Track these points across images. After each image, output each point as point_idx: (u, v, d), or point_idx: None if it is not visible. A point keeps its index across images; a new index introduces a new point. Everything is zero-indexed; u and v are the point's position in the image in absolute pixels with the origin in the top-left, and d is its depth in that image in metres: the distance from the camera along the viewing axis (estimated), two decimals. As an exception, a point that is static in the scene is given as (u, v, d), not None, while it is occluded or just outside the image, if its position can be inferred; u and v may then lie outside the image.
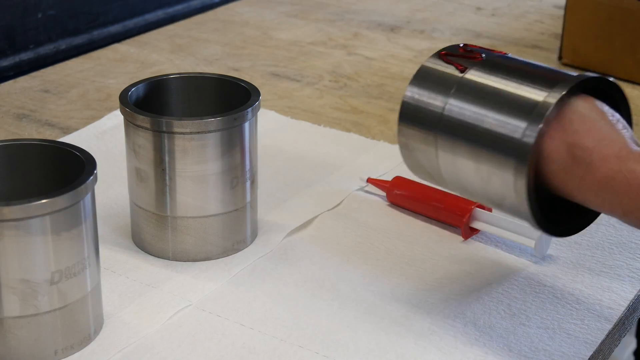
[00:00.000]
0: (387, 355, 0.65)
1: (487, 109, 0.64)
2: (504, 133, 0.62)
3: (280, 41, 1.24)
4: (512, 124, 0.62)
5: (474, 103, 0.64)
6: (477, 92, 0.65)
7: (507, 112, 0.62)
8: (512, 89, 0.63)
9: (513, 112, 0.62)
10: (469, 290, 0.72)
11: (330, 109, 1.04)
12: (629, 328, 0.72)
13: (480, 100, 0.64)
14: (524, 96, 0.62)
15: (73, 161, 0.65)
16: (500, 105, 0.63)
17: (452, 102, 0.66)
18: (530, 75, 0.64)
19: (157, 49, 1.20)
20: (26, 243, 0.59)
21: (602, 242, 0.78)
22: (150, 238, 0.75)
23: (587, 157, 0.59)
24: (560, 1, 1.39)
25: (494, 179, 0.63)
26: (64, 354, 0.63)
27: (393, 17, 1.35)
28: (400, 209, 0.83)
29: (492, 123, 0.63)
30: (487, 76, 0.65)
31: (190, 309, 0.69)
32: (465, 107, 0.65)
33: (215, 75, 0.78)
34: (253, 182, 0.75)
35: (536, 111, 0.61)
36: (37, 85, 1.08)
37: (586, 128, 0.60)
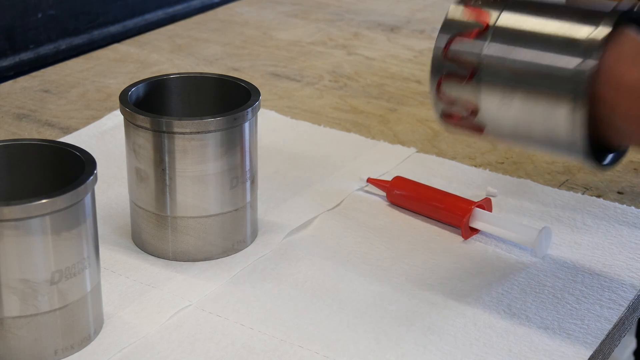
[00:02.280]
0: (387, 355, 0.65)
1: (530, 57, 0.63)
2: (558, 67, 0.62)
3: (280, 41, 1.24)
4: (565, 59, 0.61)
5: (514, 53, 0.64)
6: (514, 40, 0.64)
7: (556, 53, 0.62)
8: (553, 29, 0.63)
9: (562, 51, 0.62)
10: (469, 290, 0.72)
11: (330, 109, 1.04)
12: (629, 328, 0.72)
13: (521, 48, 0.64)
14: (568, 34, 0.62)
15: (73, 161, 0.65)
16: (545, 49, 0.63)
17: (491, 50, 0.65)
18: (566, 12, 0.63)
19: (157, 49, 1.20)
20: (26, 243, 0.59)
21: (602, 242, 0.78)
22: (150, 238, 0.75)
23: None
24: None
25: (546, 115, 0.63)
26: (64, 354, 0.63)
27: (393, 17, 1.35)
28: (400, 209, 0.83)
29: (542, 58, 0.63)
30: (520, 19, 0.65)
31: (190, 309, 0.69)
32: (505, 59, 0.64)
33: (215, 75, 0.78)
34: (253, 182, 0.75)
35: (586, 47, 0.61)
36: (37, 85, 1.08)
37: None
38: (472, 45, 0.66)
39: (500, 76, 0.65)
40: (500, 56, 0.64)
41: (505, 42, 0.65)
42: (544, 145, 0.66)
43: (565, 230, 0.80)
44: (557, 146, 0.65)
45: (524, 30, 0.64)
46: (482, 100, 0.66)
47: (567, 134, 0.63)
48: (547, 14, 0.64)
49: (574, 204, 0.84)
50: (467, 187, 0.86)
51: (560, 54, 0.62)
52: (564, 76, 0.62)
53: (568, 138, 0.63)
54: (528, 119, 0.64)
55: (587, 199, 0.84)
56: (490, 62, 0.65)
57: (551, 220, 0.81)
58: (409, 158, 0.92)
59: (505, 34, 0.65)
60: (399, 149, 0.93)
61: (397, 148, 0.93)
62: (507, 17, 0.65)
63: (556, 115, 0.63)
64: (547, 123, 0.64)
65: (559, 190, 0.86)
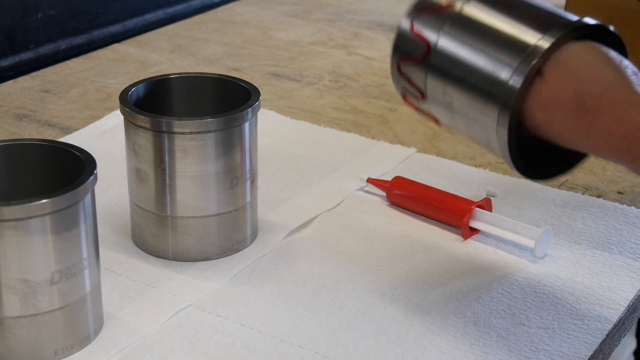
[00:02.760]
0: (387, 355, 0.65)
1: (478, 49, 0.64)
2: (492, 74, 0.62)
3: (280, 41, 1.24)
4: (501, 65, 0.62)
5: (466, 40, 0.64)
6: (470, 29, 0.64)
7: (498, 52, 0.62)
8: (507, 27, 0.63)
9: (504, 52, 0.62)
10: (469, 290, 0.72)
11: (330, 109, 1.04)
12: (629, 328, 0.72)
13: (473, 37, 0.64)
14: (518, 37, 0.62)
15: (73, 161, 0.65)
16: (492, 45, 0.63)
17: (445, 36, 0.65)
18: (528, 16, 0.63)
19: (157, 49, 1.20)
20: (26, 243, 0.59)
21: (602, 242, 0.78)
22: (150, 238, 0.75)
23: (595, 103, 0.59)
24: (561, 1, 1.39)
25: (479, 119, 0.63)
26: (64, 354, 0.63)
27: (393, 17, 1.35)
28: (400, 209, 0.83)
29: (481, 63, 0.63)
30: (483, 11, 0.65)
31: (190, 309, 0.69)
32: (457, 44, 0.65)
33: (215, 75, 0.78)
34: (253, 182, 0.75)
35: (527, 54, 0.61)
36: (37, 85, 1.08)
37: (593, 74, 0.60)
38: (432, 25, 0.66)
39: (445, 67, 0.65)
40: (450, 48, 0.65)
41: (456, 36, 0.65)
42: (480, 143, 0.66)
43: (565, 230, 0.80)
44: (493, 150, 0.65)
45: (476, 25, 0.64)
46: (427, 89, 0.66)
47: (498, 143, 0.63)
48: (510, 14, 0.64)
49: (574, 204, 0.84)
50: (467, 187, 0.86)
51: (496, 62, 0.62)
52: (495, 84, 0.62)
53: (500, 147, 0.63)
54: (465, 118, 0.65)
55: (587, 199, 0.84)
56: (441, 50, 0.65)
57: (551, 220, 0.81)
58: (409, 158, 0.91)
59: (460, 26, 0.65)
60: (399, 149, 0.93)
61: (397, 148, 0.93)
62: (471, 6, 0.66)
63: (486, 120, 0.63)
64: (480, 128, 0.64)
65: (558, 190, 0.86)
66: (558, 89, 0.60)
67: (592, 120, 0.59)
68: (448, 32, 0.65)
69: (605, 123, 0.58)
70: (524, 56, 0.61)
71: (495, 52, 0.62)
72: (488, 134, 0.64)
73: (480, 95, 0.63)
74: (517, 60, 0.61)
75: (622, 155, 0.58)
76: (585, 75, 0.60)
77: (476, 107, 0.64)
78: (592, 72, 0.60)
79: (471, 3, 0.66)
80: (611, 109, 0.58)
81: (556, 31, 0.61)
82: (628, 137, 0.57)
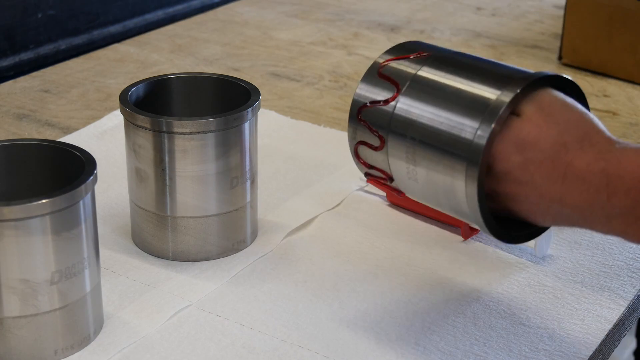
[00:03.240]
0: (387, 355, 0.65)
1: (437, 108, 0.63)
2: (454, 134, 0.61)
3: (280, 41, 1.24)
4: (463, 124, 0.61)
5: (425, 101, 0.63)
6: (428, 90, 0.64)
7: (458, 112, 0.61)
8: (464, 86, 0.62)
9: (464, 111, 0.61)
10: (469, 290, 0.72)
11: (330, 109, 1.04)
12: (629, 328, 0.72)
13: (431, 99, 0.63)
14: (476, 94, 0.61)
15: (73, 161, 0.65)
16: (452, 104, 0.62)
17: (403, 100, 0.64)
18: (483, 73, 0.62)
19: (157, 49, 1.20)
20: (26, 243, 0.59)
21: (602, 242, 0.78)
22: (150, 238, 0.75)
23: (577, 144, 0.59)
24: (560, 1, 1.39)
25: (446, 181, 0.62)
26: (64, 354, 0.63)
27: (393, 17, 1.35)
28: (400, 209, 0.83)
29: (442, 123, 0.62)
30: (438, 73, 0.64)
31: (190, 309, 0.69)
32: (416, 106, 0.64)
33: (215, 75, 0.78)
34: (253, 182, 0.75)
35: (489, 110, 0.60)
36: (37, 85, 1.08)
37: (574, 118, 0.60)
38: (383, 112, 0.65)
39: (405, 147, 0.64)
40: (405, 125, 0.64)
41: (410, 111, 0.64)
42: (456, 216, 0.65)
43: (565, 230, 0.80)
44: (467, 219, 0.64)
45: (428, 99, 0.63)
46: (391, 169, 0.66)
47: (467, 207, 0.62)
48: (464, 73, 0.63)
49: (574, 204, 0.84)
50: (467, 187, 0.86)
51: (459, 126, 0.61)
52: (459, 148, 0.61)
53: (470, 212, 0.62)
54: (433, 192, 0.64)
55: (587, 199, 0.84)
56: (396, 131, 0.64)
57: (551, 220, 0.81)
58: (409, 158, 0.91)
59: (411, 101, 0.64)
60: None
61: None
62: (417, 82, 0.64)
63: (454, 189, 0.62)
64: (448, 196, 0.63)
65: (559, 190, 0.86)
66: (540, 131, 0.59)
67: (572, 160, 0.58)
68: (398, 115, 0.64)
69: (584, 161, 0.58)
70: (485, 113, 0.60)
71: (454, 115, 0.61)
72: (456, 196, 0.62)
73: (444, 161, 0.62)
74: (479, 119, 0.60)
75: (598, 194, 0.58)
76: (567, 118, 0.60)
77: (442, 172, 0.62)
78: (572, 116, 0.60)
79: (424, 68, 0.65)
80: (592, 148, 0.58)
81: (515, 85, 0.60)
82: (608, 171, 0.57)
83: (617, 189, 0.57)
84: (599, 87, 1.10)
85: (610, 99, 1.07)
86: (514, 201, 0.61)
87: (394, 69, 0.66)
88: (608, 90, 1.10)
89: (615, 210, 0.57)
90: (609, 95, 1.09)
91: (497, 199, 0.62)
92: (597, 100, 1.07)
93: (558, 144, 0.59)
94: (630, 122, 1.02)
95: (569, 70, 1.15)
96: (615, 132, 0.99)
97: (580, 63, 1.15)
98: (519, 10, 1.40)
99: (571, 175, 0.58)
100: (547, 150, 0.59)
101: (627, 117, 1.03)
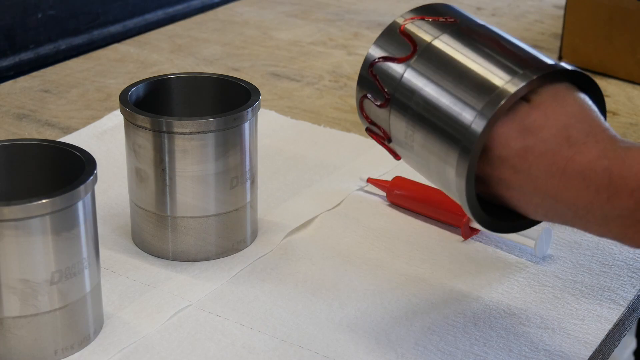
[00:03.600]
0: (387, 355, 0.65)
1: (445, 82, 0.61)
2: (454, 115, 0.60)
3: (280, 41, 1.24)
4: (465, 105, 0.60)
5: (435, 72, 0.62)
6: (441, 61, 0.62)
7: (464, 92, 0.60)
8: (476, 66, 0.61)
9: (469, 93, 0.60)
10: (469, 290, 0.72)
11: (330, 109, 1.04)
12: (629, 328, 0.72)
13: (441, 71, 0.62)
14: (485, 78, 0.60)
15: (73, 161, 0.65)
16: (459, 82, 0.61)
17: (415, 64, 0.63)
18: (501, 54, 0.61)
19: (157, 49, 1.20)
20: (26, 243, 0.59)
21: (602, 242, 0.78)
22: (150, 238, 0.75)
23: (581, 138, 0.57)
24: (560, 1, 1.39)
25: (439, 158, 0.61)
26: (64, 354, 0.63)
27: (393, 17, 1.35)
28: (400, 209, 0.83)
29: (445, 100, 0.61)
30: (456, 45, 0.63)
31: (190, 309, 0.69)
32: (425, 74, 0.63)
33: (215, 75, 0.78)
34: (253, 182, 0.75)
35: (492, 97, 0.59)
36: (37, 85, 1.08)
37: (581, 112, 0.58)
38: (393, 71, 0.64)
39: (407, 111, 0.63)
40: (412, 89, 0.63)
41: (420, 76, 0.63)
42: (445, 191, 0.64)
43: (566, 230, 0.80)
44: (454, 198, 0.63)
45: (440, 69, 0.62)
46: (391, 129, 0.65)
47: (455, 189, 0.61)
48: (481, 52, 0.62)
49: (574, 204, 0.84)
50: (467, 187, 0.86)
51: (462, 105, 0.60)
52: (457, 128, 0.60)
53: (457, 194, 0.61)
54: (426, 164, 0.63)
55: (587, 199, 0.84)
56: (402, 93, 0.63)
57: (551, 220, 0.81)
58: (409, 158, 0.91)
59: (424, 67, 0.63)
60: None
61: (397, 148, 0.93)
62: (434, 48, 0.63)
63: (446, 166, 0.61)
64: (439, 172, 0.62)
65: (559, 190, 0.86)
66: (546, 120, 0.58)
67: (573, 156, 0.57)
68: (409, 77, 0.63)
69: (587, 158, 0.56)
70: (489, 98, 0.59)
71: (460, 92, 0.60)
72: (447, 173, 0.62)
73: (441, 136, 0.61)
74: (482, 103, 0.59)
75: (598, 193, 0.56)
76: (575, 112, 0.58)
77: (437, 146, 0.62)
78: (581, 110, 0.59)
79: (442, 37, 0.64)
80: (596, 145, 0.57)
81: (527, 75, 0.59)
82: (611, 170, 0.55)
83: (620, 190, 0.55)
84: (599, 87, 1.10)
85: (610, 99, 1.07)
86: (507, 188, 0.60)
87: (416, 29, 0.65)
88: (608, 90, 1.10)
89: (614, 212, 0.56)
90: (609, 95, 1.09)
91: (491, 182, 0.61)
92: (597, 100, 1.07)
93: (562, 136, 0.57)
94: (630, 122, 1.02)
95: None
96: (615, 132, 0.99)
97: (580, 63, 1.15)
98: (519, 10, 1.40)
99: (571, 171, 0.57)
100: (550, 140, 0.57)
101: (627, 117, 1.03)
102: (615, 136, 0.58)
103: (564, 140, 0.57)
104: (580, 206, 0.57)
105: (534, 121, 0.58)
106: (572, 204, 0.57)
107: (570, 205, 0.58)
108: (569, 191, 0.57)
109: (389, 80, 0.64)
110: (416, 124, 0.63)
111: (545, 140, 0.58)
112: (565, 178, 0.57)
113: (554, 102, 0.59)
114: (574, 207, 0.58)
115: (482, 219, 0.62)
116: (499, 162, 0.59)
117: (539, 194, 0.59)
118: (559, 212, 0.59)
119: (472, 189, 0.60)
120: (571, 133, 0.57)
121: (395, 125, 0.65)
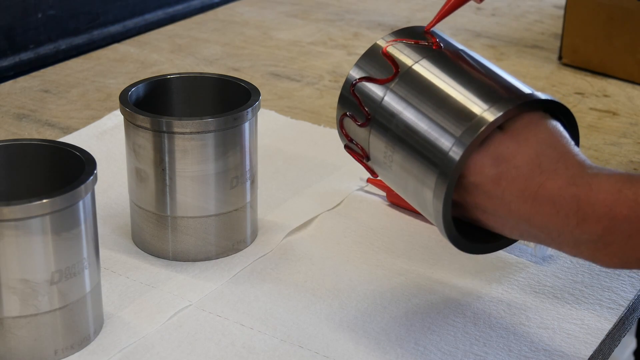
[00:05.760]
0: (387, 355, 0.65)
1: (424, 108, 0.63)
2: (432, 141, 0.61)
3: (280, 41, 1.24)
4: (444, 132, 0.61)
5: (415, 97, 0.63)
6: (418, 87, 0.64)
7: (442, 118, 0.61)
8: (455, 93, 0.62)
9: (448, 120, 0.61)
10: (469, 290, 0.72)
11: (330, 109, 1.04)
12: (629, 328, 0.72)
13: (421, 96, 0.63)
14: (464, 105, 0.61)
15: (73, 161, 0.65)
16: (438, 108, 0.62)
17: (396, 87, 0.64)
18: (479, 81, 0.62)
19: (157, 49, 1.20)
20: (26, 243, 0.59)
21: (602, 242, 0.78)
22: (150, 238, 0.75)
23: (552, 165, 0.58)
24: (560, 1, 1.39)
25: (417, 181, 0.63)
26: (64, 354, 0.63)
27: (393, 17, 1.35)
28: (400, 209, 0.83)
29: (424, 125, 0.62)
30: (435, 70, 0.64)
31: (190, 309, 0.69)
32: (405, 98, 0.64)
33: (215, 75, 0.78)
34: (253, 182, 0.75)
35: (470, 126, 0.60)
36: (37, 85, 1.08)
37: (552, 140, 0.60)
38: (374, 93, 0.65)
39: (387, 132, 0.64)
40: (392, 112, 0.64)
41: (400, 99, 0.64)
42: (420, 211, 0.65)
43: (565, 230, 0.80)
44: (430, 219, 0.64)
45: (421, 93, 0.63)
46: (370, 148, 0.66)
47: (432, 211, 0.62)
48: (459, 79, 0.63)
49: (574, 204, 0.84)
50: (467, 187, 0.86)
51: (441, 131, 0.61)
52: (435, 153, 0.61)
53: (434, 217, 0.62)
54: (404, 185, 0.64)
55: (587, 199, 0.84)
56: (382, 115, 0.65)
57: (551, 220, 0.81)
58: (409, 158, 0.91)
59: (404, 90, 0.64)
60: None
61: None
62: (414, 72, 0.64)
63: (424, 187, 0.62)
64: (417, 194, 0.63)
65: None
66: (519, 147, 0.59)
67: (544, 182, 0.58)
68: (390, 99, 0.64)
69: (557, 184, 0.58)
70: (467, 126, 0.60)
71: (439, 117, 0.62)
72: (424, 195, 0.62)
73: (420, 159, 0.62)
74: (461, 130, 0.60)
75: (568, 219, 0.57)
76: (546, 139, 0.60)
77: (416, 168, 0.63)
78: (552, 138, 0.60)
79: (422, 61, 0.65)
80: (566, 171, 0.58)
81: (504, 104, 0.60)
82: (579, 197, 0.57)
83: (588, 216, 0.57)
84: (599, 87, 1.10)
85: (610, 99, 1.07)
86: (483, 212, 0.62)
87: (397, 52, 0.66)
88: (608, 90, 1.10)
89: (584, 236, 0.57)
90: (609, 95, 1.09)
91: (467, 207, 0.62)
92: (597, 100, 1.07)
93: (534, 163, 0.59)
94: (630, 122, 1.02)
95: (569, 70, 1.15)
96: (615, 132, 0.99)
97: (580, 63, 1.15)
98: (519, 10, 1.40)
99: (542, 197, 0.58)
100: (522, 167, 0.59)
101: (627, 117, 1.03)
102: (585, 161, 0.59)
103: (536, 167, 0.59)
104: (552, 230, 0.59)
105: (506, 148, 0.60)
106: (545, 227, 0.59)
107: (542, 229, 0.59)
108: (541, 216, 0.59)
109: (369, 101, 0.66)
110: (395, 145, 0.64)
111: (517, 167, 0.59)
112: (537, 203, 0.59)
113: (526, 130, 0.60)
114: (546, 230, 0.59)
115: (458, 240, 0.63)
116: (473, 188, 0.61)
117: (512, 217, 0.60)
118: (533, 234, 0.60)
119: (448, 212, 0.61)
120: (542, 160, 0.59)
121: (374, 145, 0.66)
